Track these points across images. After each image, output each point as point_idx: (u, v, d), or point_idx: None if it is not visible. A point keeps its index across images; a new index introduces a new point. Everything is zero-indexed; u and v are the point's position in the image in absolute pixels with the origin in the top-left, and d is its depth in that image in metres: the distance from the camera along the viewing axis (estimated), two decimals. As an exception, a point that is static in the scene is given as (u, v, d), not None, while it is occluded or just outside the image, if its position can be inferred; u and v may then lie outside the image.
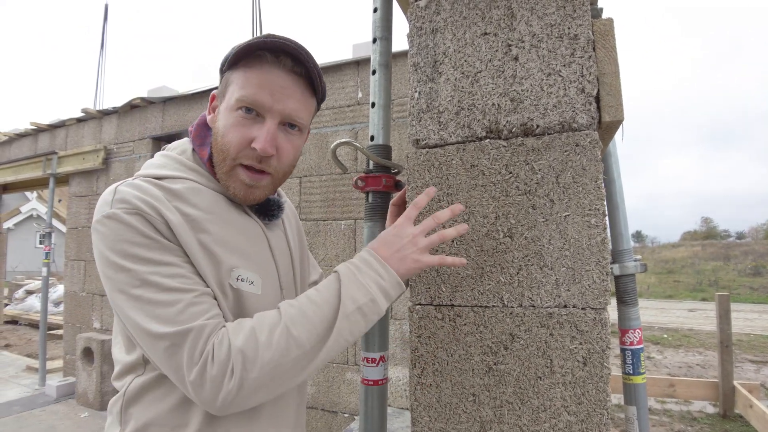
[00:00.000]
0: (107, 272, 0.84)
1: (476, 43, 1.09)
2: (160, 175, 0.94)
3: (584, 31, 1.01)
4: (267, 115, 0.95)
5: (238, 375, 0.79)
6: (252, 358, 0.80)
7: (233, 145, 0.94)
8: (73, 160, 5.99)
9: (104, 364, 5.17)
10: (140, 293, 0.81)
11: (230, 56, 0.95)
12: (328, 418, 3.80)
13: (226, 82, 0.98)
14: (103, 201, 0.88)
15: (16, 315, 11.08)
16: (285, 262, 1.11)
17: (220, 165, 0.97)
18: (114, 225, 0.84)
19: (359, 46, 4.09)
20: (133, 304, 0.82)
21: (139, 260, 0.82)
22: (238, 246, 0.96)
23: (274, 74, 0.95)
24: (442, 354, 1.05)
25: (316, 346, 0.85)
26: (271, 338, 0.82)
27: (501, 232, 1.02)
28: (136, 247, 0.83)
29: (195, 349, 0.79)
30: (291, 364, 0.83)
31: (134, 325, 0.82)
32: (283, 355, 0.82)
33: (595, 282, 0.96)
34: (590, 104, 0.99)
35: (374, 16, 1.34)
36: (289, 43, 0.93)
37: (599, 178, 0.97)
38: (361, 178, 1.27)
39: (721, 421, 4.98)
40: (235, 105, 0.94)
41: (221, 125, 0.96)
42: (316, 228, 3.98)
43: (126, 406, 0.94)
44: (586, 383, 0.95)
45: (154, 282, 0.82)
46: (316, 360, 0.86)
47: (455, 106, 1.09)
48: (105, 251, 0.84)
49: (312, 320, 0.86)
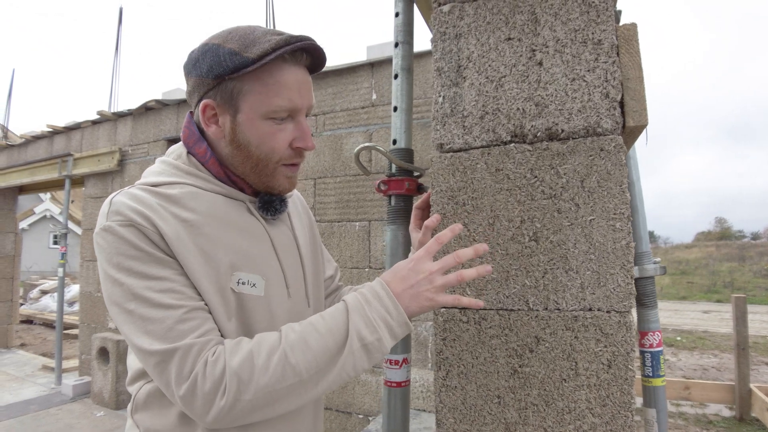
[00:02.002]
0: (104, 284, 0.86)
1: (500, 48, 1.10)
2: (157, 182, 0.93)
3: (608, 36, 1.02)
4: (298, 114, 0.96)
5: (232, 395, 0.79)
6: (246, 381, 0.80)
7: (277, 151, 0.95)
8: (88, 162, 6.05)
9: (119, 364, 5.22)
10: (133, 307, 0.82)
11: (241, 63, 0.88)
12: (342, 419, 3.81)
13: (235, 90, 0.91)
14: (101, 213, 0.88)
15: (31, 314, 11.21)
16: (292, 259, 1.08)
17: (261, 170, 0.97)
18: (110, 238, 0.84)
19: (373, 48, 4.11)
20: (126, 318, 0.83)
21: (132, 274, 0.83)
22: (239, 248, 0.95)
23: (296, 73, 0.94)
24: (467, 357, 1.06)
25: (315, 376, 0.84)
26: (269, 363, 0.82)
27: (526, 236, 1.03)
28: (130, 260, 0.83)
29: (183, 367, 0.80)
30: (286, 391, 0.82)
31: (127, 338, 0.84)
32: (279, 381, 0.81)
33: (620, 285, 0.97)
34: (614, 109, 1.00)
35: (396, 20, 1.35)
36: (300, 41, 0.91)
37: (624, 182, 0.97)
38: (383, 182, 1.28)
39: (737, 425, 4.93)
40: (268, 114, 0.92)
41: (252, 136, 0.94)
42: (330, 229, 4.00)
43: (134, 411, 0.96)
44: (611, 386, 0.95)
45: (145, 297, 0.82)
46: (315, 390, 0.85)
47: (480, 111, 1.10)
48: (102, 263, 0.85)
49: (313, 350, 0.84)
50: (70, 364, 6.53)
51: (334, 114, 4.13)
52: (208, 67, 0.91)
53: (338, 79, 4.13)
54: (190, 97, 0.99)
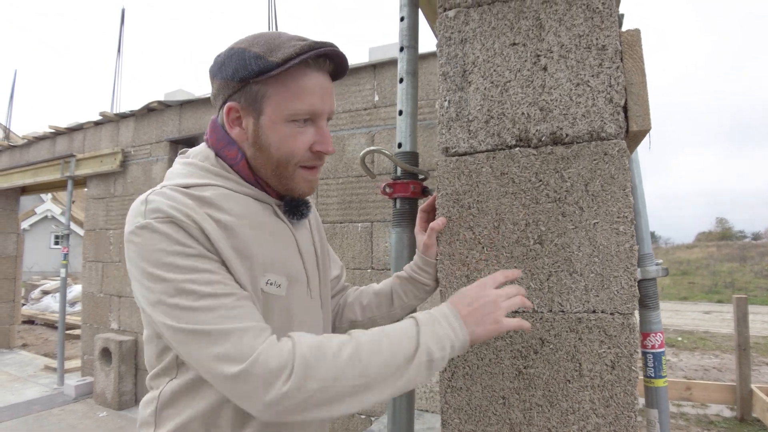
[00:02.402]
0: (144, 282, 0.84)
1: (505, 53, 1.11)
2: (187, 183, 0.93)
3: (612, 41, 1.03)
4: (319, 118, 0.97)
5: (296, 381, 0.77)
6: (315, 368, 0.79)
7: (296, 154, 0.96)
8: (90, 163, 6.06)
9: (122, 365, 5.24)
10: (177, 302, 0.81)
11: (265, 67, 0.90)
12: (345, 419, 3.83)
13: (258, 94, 0.93)
14: (135, 212, 0.87)
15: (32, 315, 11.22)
16: (311, 262, 1.10)
17: (281, 172, 0.98)
18: (148, 235, 0.84)
19: (375, 49, 4.11)
20: (171, 313, 0.81)
21: (175, 269, 0.82)
22: (269, 249, 0.96)
23: (319, 78, 0.96)
24: (473, 358, 1.08)
25: (380, 381, 0.83)
26: (339, 356, 0.81)
27: (531, 239, 1.04)
28: (171, 256, 0.82)
29: (241, 346, 0.78)
30: (350, 391, 0.81)
31: (172, 332, 0.82)
32: (346, 377, 0.80)
33: (623, 288, 0.98)
34: (618, 114, 1.01)
35: (401, 25, 1.37)
36: (323, 47, 0.93)
37: (627, 186, 0.99)
38: (389, 185, 1.30)
39: (738, 425, 4.94)
40: (289, 117, 0.94)
41: (274, 139, 0.95)
42: (333, 230, 4.01)
43: (161, 409, 0.95)
44: (615, 386, 0.97)
45: (191, 290, 0.81)
46: (375, 396, 0.83)
47: (485, 115, 1.11)
48: (140, 262, 0.84)
49: (384, 354, 0.84)
50: (72, 365, 6.54)
51: (336, 115, 4.14)
52: (233, 70, 0.93)
53: (341, 81, 4.12)
54: (215, 100, 1.01)
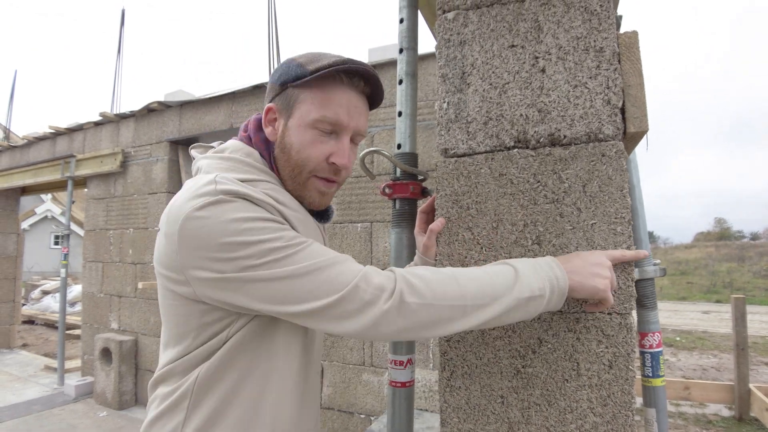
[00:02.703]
0: (219, 255, 0.83)
1: (504, 55, 1.12)
2: (241, 178, 0.95)
3: (610, 44, 1.04)
4: (342, 132, 1.01)
5: (396, 299, 0.82)
6: (415, 286, 0.84)
7: (312, 160, 1.00)
8: (91, 163, 6.07)
9: (122, 365, 5.25)
10: (270, 258, 0.83)
11: (303, 74, 0.97)
12: (344, 418, 3.84)
13: (292, 98, 1.00)
14: (196, 194, 0.87)
15: (32, 315, 11.22)
16: None
17: (295, 177, 1.02)
18: (222, 207, 0.84)
19: (375, 50, 4.12)
20: (264, 269, 0.83)
21: (258, 231, 0.84)
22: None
23: (350, 94, 1.00)
24: (472, 357, 1.09)
25: (476, 304, 0.86)
26: (437, 279, 0.86)
27: (529, 240, 1.05)
28: (250, 221, 0.84)
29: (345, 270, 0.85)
30: (448, 311, 0.85)
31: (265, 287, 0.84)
32: (444, 296, 0.84)
33: (621, 288, 0.99)
34: (616, 115, 1.02)
35: (400, 26, 1.38)
36: (360, 67, 0.99)
37: (625, 187, 1.00)
38: (388, 185, 1.31)
39: (736, 424, 4.95)
40: (315, 123, 0.98)
41: (296, 141, 1.00)
42: (332, 230, 4.02)
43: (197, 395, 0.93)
44: (612, 386, 0.98)
45: (281, 246, 0.84)
46: (470, 319, 0.86)
47: (483, 117, 1.12)
48: (213, 236, 0.83)
49: (482, 280, 0.88)
50: (72, 365, 6.55)
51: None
52: (279, 75, 1.02)
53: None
54: (265, 101, 1.07)
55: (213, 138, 5.19)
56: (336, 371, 3.92)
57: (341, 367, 3.90)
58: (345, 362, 3.88)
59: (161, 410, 0.96)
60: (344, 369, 3.88)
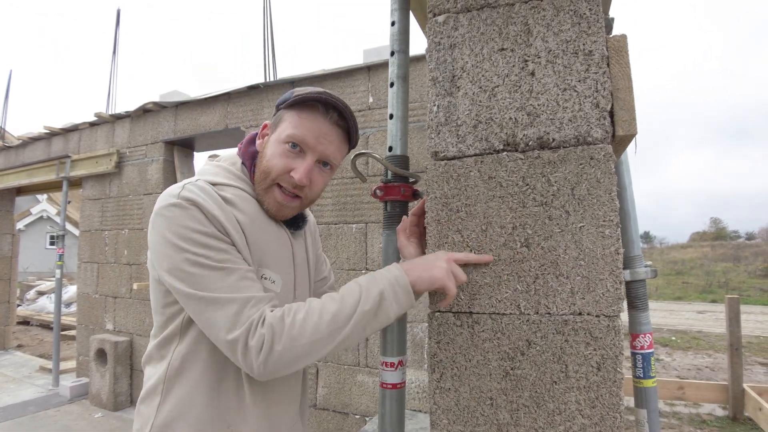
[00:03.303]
0: (165, 250, 1.00)
1: (493, 59, 1.13)
2: (214, 181, 1.12)
3: (599, 47, 1.05)
4: (308, 153, 1.14)
5: (265, 349, 0.95)
6: (279, 334, 0.95)
7: (275, 170, 1.13)
8: (86, 164, 6.05)
9: (117, 366, 5.24)
10: (193, 271, 0.97)
11: (289, 99, 1.15)
12: (339, 419, 3.84)
13: (280, 118, 1.17)
14: (169, 194, 1.04)
15: (27, 316, 11.19)
16: (302, 268, 1.28)
17: (261, 183, 1.16)
18: (177, 211, 1.00)
19: (370, 51, 4.13)
20: (187, 279, 0.98)
21: (194, 243, 0.99)
22: (269, 249, 1.14)
23: (322, 122, 1.14)
24: (461, 359, 1.09)
25: (333, 329, 0.99)
26: (295, 320, 0.97)
27: (518, 242, 1.06)
28: (193, 232, 0.99)
29: (239, 316, 0.96)
30: (308, 345, 0.97)
31: (186, 297, 0.99)
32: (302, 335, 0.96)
33: (609, 290, 0.99)
34: (604, 119, 1.03)
35: (392, 29, 1.38)
36: (339, 102, 1.14)
37: (613, 190, 1.00)
38: (379, 188, 1.31)
39: (730, 424, 4.97)
40: (285, 139, 1.13)
41: (269, 152, 1.15)
42: (327, 231, 4.02)
43: (171, 377, 1.08)
44: (600, 388, 0.98)
45: (205, 263, 0.98)
46: (327, 345, 0.99)
47: (473, 120, 1.13)
48: (166, 232, 1.00)
49: (338, 307, 1.00)
50: (67, 366, 6.53)
51: (331, 116, 4.14)
52: (279, 100, 1.19)
53: (336, 83, 4.15)
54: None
55: (208, 138, 5.19)
56: (331, 372, 3.92)
57: (336, 367, 3.90)
58: (340, 363, 3.89)
59: (145, 391, 1.12)
60: (339, 370, 3.88)
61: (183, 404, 1.06)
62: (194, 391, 1.06)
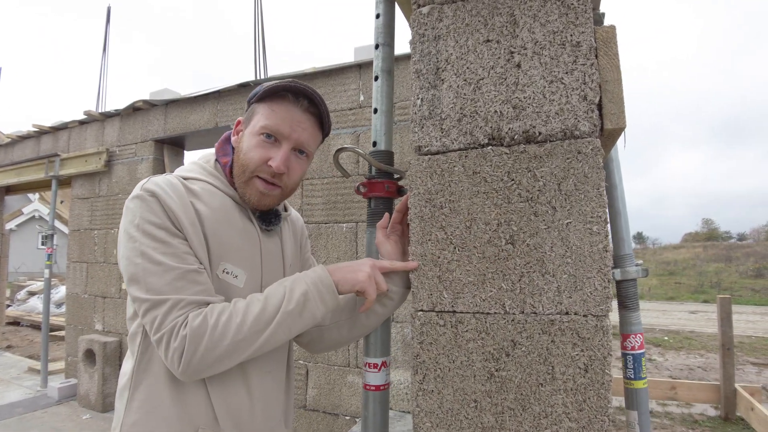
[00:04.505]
0: (122, 239, 1.05)
1: (478, 50, 1.10)
2: (186, 176, 1.16)
3: (587, 38, 1.02)
4: (284, 142, 1.15)
5: (187, 352, 0.96)
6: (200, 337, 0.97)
7: (253, 161, 1.14)
8: (75, 163, 5.99)
9: (106, 366, 5.18)
10: (138, 261, 1.00)
11: (259, 92, 1.17)
12: (329, 420, 3.80)
13: (252, 111, 1.19)
14: (137, 186, 1.07)
15: (18, 316, 11.07)
16: (274, 265, 1.25)
17: (240, 176, 1.17)
18: (138, 203, 1.04)
19: (361, 49, 4.09)
20: (130, 269, 1.01)
21: (146, 234, 1.01)
22: (232, 244, 1.14)
23: (293, 111, 1.16)
24: (444, 360, 1.06)
25: (255, 334, 1.01)
26: (218, 323, 0.98)
27: (503, 239, 1.02)
28: (147, 223, 1.02)
29: (164, 318, 0.97)
30: (231, 347, 0.99)
31: (127, 284, 1.02)
32: (224, 338, 0.98)
33: (597, 289, 0.96)
34: (592, 112, 0.99)
35: (377, 22, 1.35)
36: (308, 89, 1.15)
37: (601, 185, 0.97)
38: (363, 184, 1.28)
39: (722, 424, 4.97)
40: (259, 131, 1.14)
41: (245, 146, 1.16)
42: (318, 231, 3.98)
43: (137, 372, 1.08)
44: (588, 390, 0.95)
45: (150, 255, 1.00)
46: (250, 346, 1.01)
47: (457, 113, 1.09)
48: (125, 224, 1.05)
49: (262, 308, 1.03)
50: (56, 366, 6.45)
51: (321, 115, 4.10)
52: (250, 95, 1.21)
53: (326, 81, 4.12)
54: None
55: (198, 137, 5.14)
56: (321, 372, 3.88)
57: (326, 368, 3.86)
58: (329, 363, 3.85)
59: (118, 388, 1.14)
60: (329, 370, 3.84)
61: (150, 400, 1.06)
62: (159, 386, 1.06)
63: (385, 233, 1.23)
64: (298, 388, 3.96)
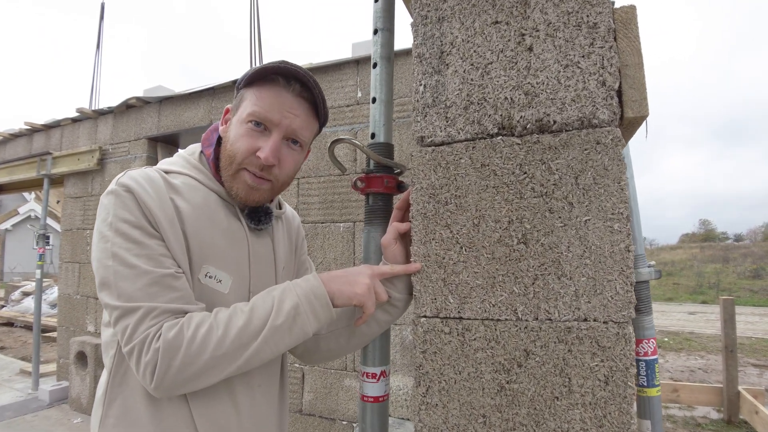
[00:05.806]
0: (95, 239, 0.96)
1: (486, 33, 1.01)
2: (167, 169, 1.06)
3: (604, 19, 0.93)
4: (274, 130, 1.05)
5: (160, 369, 0.86)
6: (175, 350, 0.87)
7: (240, 152, 1.04)
8: (67, 161, 5.90)
9: (98, 369, 5.08)
10: (109, 264, 0.91)
11: (247, 76, 1.08)
12: (326, 425, 3.71)
13: (241, 98, 1.10)
14: (113, 181, 0.99)
15: (12, 317, 10.98)
16: (264, 269, 1.15)
17: (227, 168, 1.07)
18: (113, 199, 0.95)
19: (358, 45, 4.02)
20: (101, 271, 0.92)
21: (119, 234, 0.92)
22: (216, 245, 1.04)
23: (284, 96, 1.05)
24: (450, 371, 0.97)
25: (238, 350, 0.91)
26: (195, 337, 0.88)
27: (515, 238, 0.93)
28: (121, 221, 0.93)
29: (135, 327, 0.88)
30: (210, 363, 0.89)
31: (98, 288, 0.93)
32: (202, 353, 0.88)
33: (618, 293, 0.87)
34: (612, 98, 0.91)
35: (375, 5, 1.26)
36: (300, 71, 1.04)
37: (623, 179, 0.88)
38: (360, 179, 1.19)
39: (725, 427, 4.90)
40: (247, 118, 1.05)
41: (232, 134, 1.07)
42: (314, 230, 3.89)
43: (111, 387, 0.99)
44: (608, 404, 0.86)
45: (123, 257, 0.91)
46: (232, 363, 0.91)
47: (464, 101, 1.01)
48: (98, 221, 0.97)
49: (247, 321, 0.93)
50: (49, 368, 6.37)
51: (318, 112, 4.03)
52: (239, 80, 1.11)
53: (324, 77, 4.03)
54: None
55: (192, 135, 5.05)
56: (317, 377, 3.79)
57: (322, 372, 3.77)
58: (326, 367, 3.76)
59: (95, 402, 1.04)
60: (325, 374, 3.75)
61: (126, 417, 0.97)
62: (136, 402, 0.97)
63: (395, 234, 1.12)
64: (294, 392, 3.87)
